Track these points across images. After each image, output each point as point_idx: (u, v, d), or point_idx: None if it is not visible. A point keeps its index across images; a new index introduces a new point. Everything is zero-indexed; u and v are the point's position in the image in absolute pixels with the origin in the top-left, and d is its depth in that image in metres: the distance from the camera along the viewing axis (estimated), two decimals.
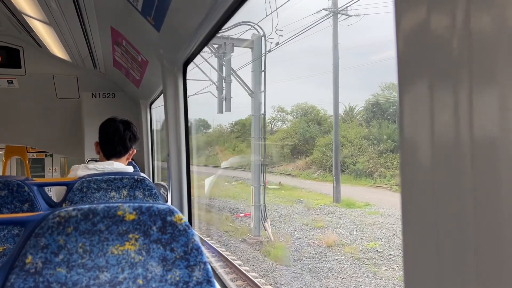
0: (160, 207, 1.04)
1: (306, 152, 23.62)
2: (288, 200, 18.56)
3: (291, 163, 23.90)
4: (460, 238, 0.56)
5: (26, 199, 1.86)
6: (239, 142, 28.07)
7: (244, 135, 27.55)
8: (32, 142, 5.76)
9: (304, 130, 24.47)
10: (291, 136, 24.86)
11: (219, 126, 31.96)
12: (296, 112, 27.64)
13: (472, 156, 0.53)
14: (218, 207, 18.72)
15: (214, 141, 30.64)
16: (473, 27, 0.52)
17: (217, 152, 29.24)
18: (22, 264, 0.94)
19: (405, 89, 0.63)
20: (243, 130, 28.31)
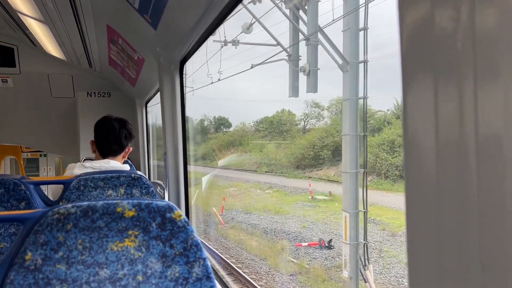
0: (159, 204, 1.04)
1: None
2: None
3: (332, 167, 20.07)
4: (464, 236, 0.56)
5: (22, 197, 1.85)
6: (266, 142, 25.33)
7: (272, 134, 25.39)
8: (26, 142, 5.73)
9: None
10: (332, 135, 20.99)
11: (242, 125, 29.67)
12: (334, 107, 23.70)
13: (477, 153, 0.53)
14: (264, 228, 14.34)
15: (237, 141, 27.93)
16: (477, 23, 0.52)
17: (241, 154, 26.76)
18: (22, 261, 0.94)
19: (409, 86, 0.63)
20: (271, 128, 25.87)
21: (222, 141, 28.36)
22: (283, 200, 17.32)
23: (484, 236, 0.53)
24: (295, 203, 16.53)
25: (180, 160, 2.75)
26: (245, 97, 38.31)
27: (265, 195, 18.66)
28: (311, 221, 14.32)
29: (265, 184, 19.96)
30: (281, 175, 20.95)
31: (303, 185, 18.55)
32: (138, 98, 4.64)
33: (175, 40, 2.26)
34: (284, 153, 22.51)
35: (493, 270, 0.52)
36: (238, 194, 19.17)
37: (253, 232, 14.16)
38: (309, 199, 16.78)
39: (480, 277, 0.54)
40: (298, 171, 20.99)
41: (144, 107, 4.74)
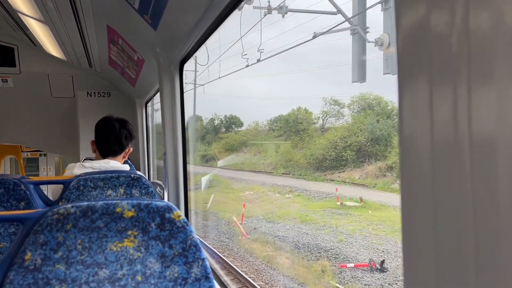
0: (158, 204, 1.04)
1: (377, 155, 17.86)
2: (394, 231, 11.52)
3: (356, 169, 18.21)
4: (459, 235, 0.56)
5: (22, 197, 1.85)
6: (282, 142, 23.52)
7: (287, 134, 23.45)
8: (26, 141, 5.74)
9: (373, 127, 18.83)
10: (355, 135, 19.16)
11: (255, 123, 28.00)
12: (356, 105, 21.82)
13: (471, 154, 0.54)
14: (294, 242, 11.78)
15: (250, 141, 26.36)
16: (471, 25, 0.52)
17: (255, 154, 25.14)
18: (21, 260, 0.95)
19: (405, 87, 0.64)
20: (286, 127, 23.89)
21: (234, 141, 27.06)
22: (308, 206, 15.05)
23: (479, 237, 0.54)
24: (322, 210, 14.33)
25: (180, 160, 2.76)
26: (257, 94, 37.34)
27: (286, 200, 16.31)
28: (346, 233, 12.01)
29: (284, 187, 17.76)
30: (300, 177, 19.17)
31: (326, 188, 16.68)
32: (138, 98, 4.64)
33: (175, 41, 2.26)
34: (301, 153, 20.79)
35: (488, 270, 0.53)
36: (255, 199, 17.27)
37: (281, 247, 11.79)
38: (338, 205, 14.51)
39: (475, 278, 0.54)
40: (318, 173, 19.03)
41: (144, 107, 4.75)
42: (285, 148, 22.37)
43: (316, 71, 31.57)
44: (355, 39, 7.85)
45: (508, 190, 0.50)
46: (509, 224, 0.50)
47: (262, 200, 16.86)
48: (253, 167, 23.09)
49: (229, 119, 31.69)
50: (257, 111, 38.67)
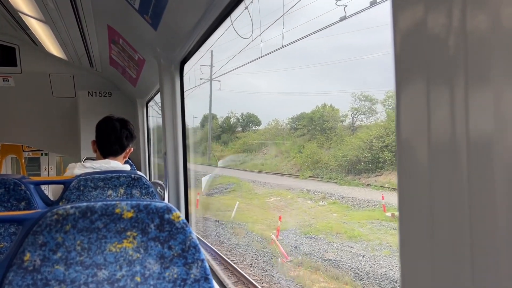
0: (157, 205, 1.04)
1: None
2: None
3: (395, 172, 11.19)
4: (456, 236, 0.57)
5: (22, 197, 1.85)
6: (305, 142, 21.30)
7: (311, 133, 21.43)
8: (27, 141, 5.75)
9: None
10: (393, 134, 15.52)
11: (275, 122, 25.97)
12: (392, 100, 18.78)
13: (467, 155, 0.54)
14: (353, 270, 8.88)
15: (270, 141, 24.44)
16: (468, 26, 0.53)
17: (276, 155, 23.08)
18: (21, 261, 0.95)
19: (402, 88, 0.64)
20: (310, 126, 21.91)
21: (253, 140, 25.53)
22: (349, 216, 12.83)
23: (474, 235, 0.54)
24: (368, 222, 12.07)
25: (180, 160, 2.76)
26: (275, 90, 35.48)
27: (321, 209, 13.91)
28: None
29: (315, 192, 15.47)
30: (330, 181, 17.23)
31: (365, 195, 14.53)
32: (139, 97, 4.65)
33: (175, 41, 2.26)
34: (330, 154, 18.88)
35: (484, 269, 0.53)
36: (283, 206, 15.05)
37: (337, 276, 8.84)
38: (387, 217, 12.10)
39: (471, 277, 0.55)
40: (351, 177, 17.08)
41: (144, 107, 4.75)
42: (311, 149, 19.98)
43: (342, 64, 28.94)
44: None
45: (505, 191, 0.50)
46: (505, 224, 0.50)
47: (292, 208, 14.53)
48: (275, 169, 21.22)
49: (246, 117, 30.53)
50: (275, 108, 36.92)
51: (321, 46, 29.40)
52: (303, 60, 30.54)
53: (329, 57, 31.18)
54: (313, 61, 31.63)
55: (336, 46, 32.57)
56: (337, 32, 29.04)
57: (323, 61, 35.71)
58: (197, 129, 32.24)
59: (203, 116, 31.36)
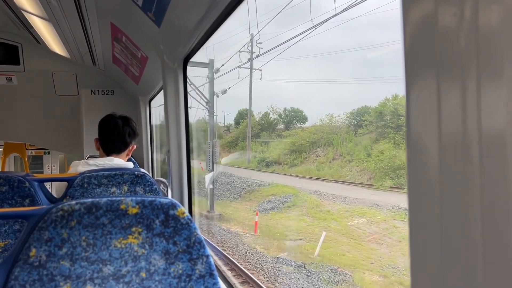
0: (162, 201, 1.04)
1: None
2: None
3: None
4: (467, 237, 0.56)
5: (27, 194, 1.86)
6: (372, 142, 17.50)
7: (381, 130, 17.53)
8: (31, 139, 5.76)
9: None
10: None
11: (328, 118, 22.42)
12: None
13: (479, 151, 0.53)
14: None
15: (323, 141, 20.67)
16: (480, 21, 0.52)
17: (333, 157, 19.01)
18: (26, 257, 0.95)
19: (412, 84, 0.63)
20: (379, 122, 18.02)
21: (303, 140, 21.68)
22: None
23: (486, 237, 0.53)
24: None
25: (184, 157, 2.76)
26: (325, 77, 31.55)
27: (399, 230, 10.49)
28: None
29: (396, 209, 11.89)
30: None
31: None
32: (141, 95, 4.65)
33: (178, 38, 2.26)
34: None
35: (496, 269, 0.52)
36: (381, 235, 10.42)
37: None
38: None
39: (483, 278, 0.54)
40: None
41: (147, 104, 4.75)
42: (389, 151, 15.82)
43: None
44: None
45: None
46: None
47: (397, 238, 10.07)
48: (337, 176, 17.57)
49: (290, 113, 27.66)
50: (326, 101, 32.71)
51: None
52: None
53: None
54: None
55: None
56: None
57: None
58: (230, 127, 30.19)
59: (238, 112, 29.22)
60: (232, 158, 25.12)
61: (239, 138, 27.30)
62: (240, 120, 29.05)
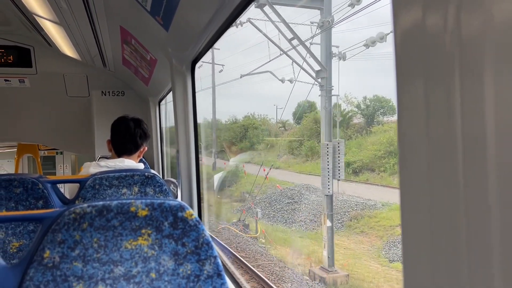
0: (171, 203, 1.07)
1: None
2: None
3: None
4: (453, 235, 0.59)
5: (40, 196, 1.91)
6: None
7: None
8: (43, 140, 5.85)
9: None
10: None
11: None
12: None
13: (463, 150, 0.56)
14: None
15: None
16: (463, 25, 0.55)
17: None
18: (40, 258, 0.99)
19: (402, 85, 0.66)
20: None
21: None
22: None
23: (471, 232, 0.56)
24: None
25: (193, 158, 2.79)
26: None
27: None
28: None
29: None
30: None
31: None
32: (151, 96, 4.69)
33: (186, 41, 2.29)
34: None
35: (480, 265, 0.55)
36: None
37: None
38: None
39: (467, 274, 0.57)
40: None
41: (157, 105, 4.80)
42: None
43: None
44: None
45: (500, 186, 0.52)
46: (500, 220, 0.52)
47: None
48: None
49: (373, 103, 21.64)
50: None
51: None
52: None
53: None
54: None
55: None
56: None
57: None
58: (286, 124, 25.65)
59: (297, 104, 23.15)
60: (296, 163, 20.73)
61: (303, 137, 21.94)
62: (302, 114, 23.23)
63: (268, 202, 16.82)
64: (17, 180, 1.89)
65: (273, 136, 25.57)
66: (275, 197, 16.84)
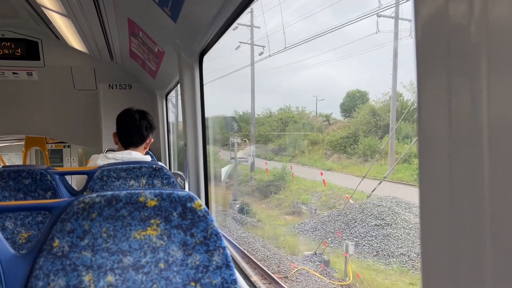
0: (180, 194, 1.07)
1: None
2: None
3: None
4: (476, 233, 0.56)
5: (49, 187, 1.91)
6: None
7: None
8: (51, 133, 5.87)
9: None
10: None
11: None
12: None
13: (489, 146, 0.53)
14: None
15: None
16: (490, 14, 0.52)
17: None
18: (50, 247, 0.98)
19: (423, 77, 0.63)
20: None
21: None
22: None
23: (494, 232, 0.53)
24: None
25: (200, 151, 2.79)
26: None
27: None
28: None
29: None
30: None
31: None
32: (158, 90, 4.69)
33: (194, 33, 2.28)
34: None
35: (505, 267, 0.53)
36: None
37: None
38: None
39: (491, 275, 0.54)
40: None
41: (164, 98, 4.80)
42: None
43: None
44: None
45: None
46: None
47: None
48: None
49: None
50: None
51: None
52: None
53: None
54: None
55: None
56: None
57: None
58: (330, 118, 23.13)
59: (346, 95, 20.36)
60: (353, 164, 17.18)
61: (357, 133, 18.53)
62: (353, 106, 20.41)
63: (343, 222, 11.70)
64: (25, 171, 1.89)
65: (316, 131, 21.35)
66: (352, 214, 11.81)
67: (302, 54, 19.34)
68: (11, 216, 1.86)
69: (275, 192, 16.09)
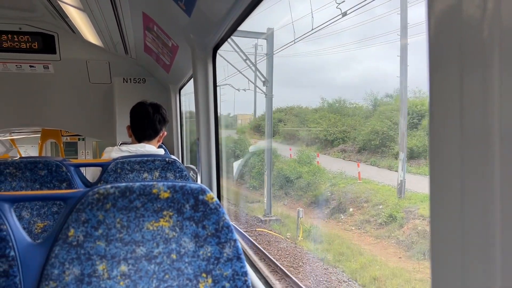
0: (192, 186, 1.08)
1: None
2: None
3: None
4: (486, 231, 0.56)
5: (64, 178, 1.95)
6: None
7: None
8: (66, 126, 5.95)
9: None
10: None
11: None
12: None
13: (500, 145, 0.53)
14: None
15: None
16: (503, 9, 0.51)
17: None
18: (65, 237, 1.01)
19: (436, 78, 0.63)
20: None
21: None
22: None
23: (506, 231, 0.53)
24: None
25: (213, 145, 2.81)
26: None
27: None
28: None
29: None
30: None
31: None
32: (172, 84, 4.72)
33: (208, 27, 2.29)
34: None
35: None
36: None
37: None
38: None
39: (501, 274, 0.54)
40: None
41: (178, 93, 4.83)
42: None
43: None
44: None
45: None
46: None
47: None
48: None
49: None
50: None
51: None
52: None
53: None
54: None
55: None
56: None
57: None
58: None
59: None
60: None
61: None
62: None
63: None
64: (41, 162, 1.93)
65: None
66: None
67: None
68: (27, 206, 1.90)
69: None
